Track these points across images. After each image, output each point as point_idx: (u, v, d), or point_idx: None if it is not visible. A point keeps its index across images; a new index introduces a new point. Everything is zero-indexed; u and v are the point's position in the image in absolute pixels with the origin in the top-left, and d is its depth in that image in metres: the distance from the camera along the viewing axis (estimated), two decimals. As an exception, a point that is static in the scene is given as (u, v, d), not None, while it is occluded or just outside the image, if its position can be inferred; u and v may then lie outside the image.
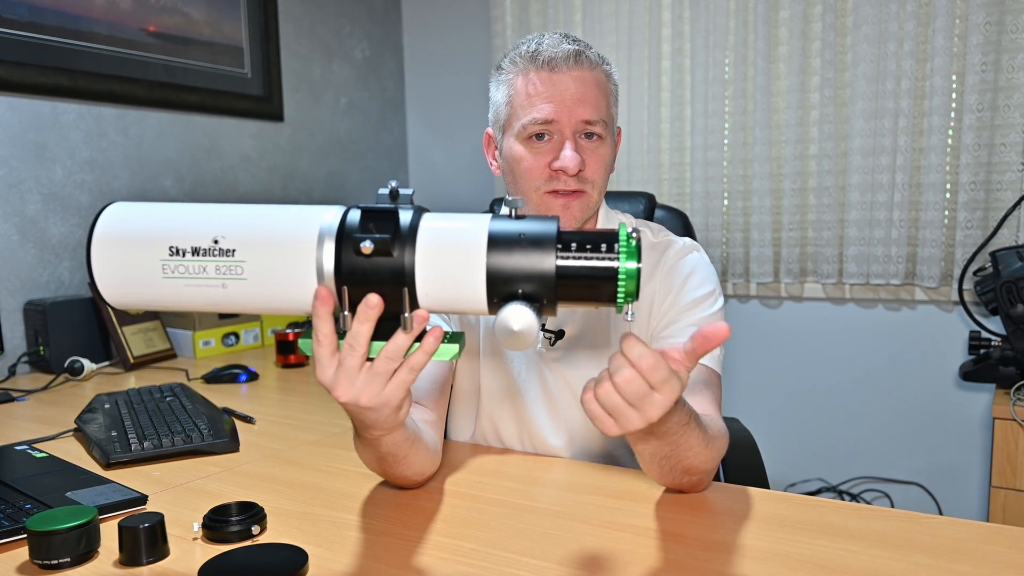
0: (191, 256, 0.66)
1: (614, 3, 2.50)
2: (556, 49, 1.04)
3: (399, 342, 0.67)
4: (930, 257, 2.10)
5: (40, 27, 1.92)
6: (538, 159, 1.05)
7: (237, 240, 0.66)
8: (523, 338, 0.62)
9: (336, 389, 0.70)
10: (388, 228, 0.64)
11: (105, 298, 0.69)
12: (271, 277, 0.66)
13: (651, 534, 0.85)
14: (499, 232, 0.64)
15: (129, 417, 1.30)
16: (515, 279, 0.64)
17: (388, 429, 0.80)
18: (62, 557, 0.79)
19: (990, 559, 0.77)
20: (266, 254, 0.65)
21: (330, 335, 0.68)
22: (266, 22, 2.50)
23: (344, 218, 0.66)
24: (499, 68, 1.10)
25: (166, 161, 2.24)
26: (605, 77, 1.08)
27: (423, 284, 0.64)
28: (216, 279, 0.66)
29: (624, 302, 0.64)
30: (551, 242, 0.64)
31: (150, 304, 0.70)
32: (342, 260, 0.65)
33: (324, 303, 0.65)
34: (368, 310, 0.64)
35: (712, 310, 1.11)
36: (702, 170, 2.40)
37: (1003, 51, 1.98)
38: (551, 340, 1.15)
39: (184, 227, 0.66)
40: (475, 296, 0.65)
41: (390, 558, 0.81)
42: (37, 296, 1.93)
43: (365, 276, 0.65)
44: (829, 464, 2.39)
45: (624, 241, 0.63)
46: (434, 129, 3.04)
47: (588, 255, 0.63)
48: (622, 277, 0.63)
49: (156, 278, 0.67)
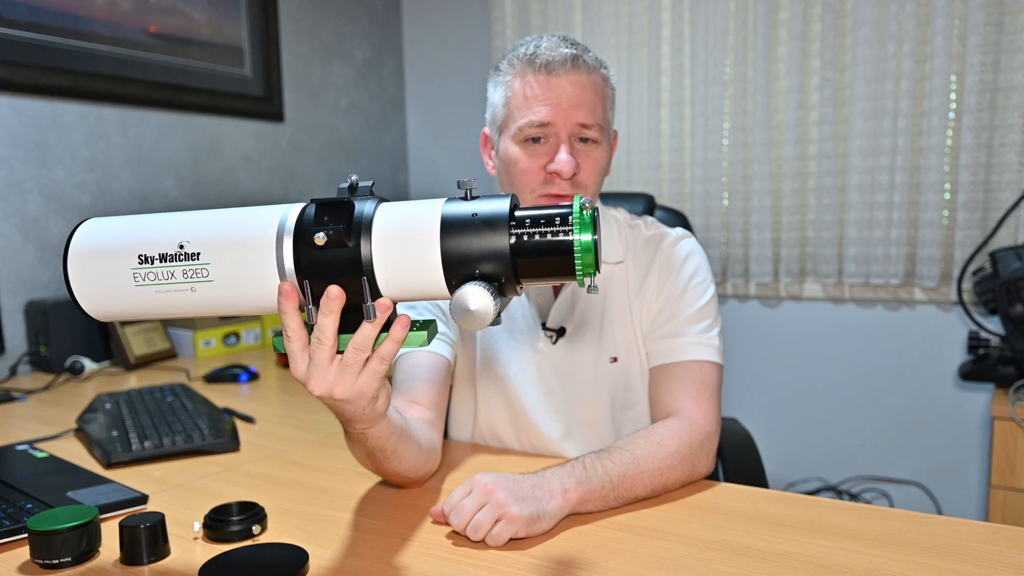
0: (159, 263, 0.67)
1: (614, 3, 2.50)
2: (554, 52, 1.05)
3: (365, 332, 0.67)
4: (929, 257, 2.10)
5: (41, 27, 1.92)
6: (533, 161, 1.06)
7: (201, 243, 0.67)
8: (479, 317, 0.62)
9: (310, 383, 0.71)
10: (342, 219, 0.64)
11: (85, 310, 0.71)
12: (236, 277, 0.67)
13: (651, 534, 0.86)
14: (452, 215, 0.65)
15: (130, 417, 1.30)
16: (471, 260, 0.64)
17: (369, 422, 0.80)
18: (63, 557, 0.79)
19: (989, 559, 0.77)
20: (229, 254, 0.67)
21: (299, 330, 0.68)
22: (266, 23, 2.50)
23: (302, 213, 0.67)
24: (497, 69, 1.11)
25: (167, 161, 2.24)
26: (603, 81, 1.09)
27: (382, 272, 0.65)
28: (184, 283, 0.67)
29: (583, 274, 0.64)
30: (504, 221, 0.64)
31: (126, 314, 0.71)
32: (300, 254, 0.65)
33: (288, 298, 0.66)
34: (330, 302, 0.65)
35: (704, 299, 1.13)
36: (702, 170, 2.40)
37: (1002, 51, 1.99)
38: (553, 339, 1.15)
39: (151, 235, 0.68)
40: (433, 280, 0.65)
41: (389, 558, 0.81)
42: (38, 296, 1.93)
43: (324, 268, 0.65)
44: (829, 464, 2.39)
45: (577, 214, 0.63)
46: (434, 129, 3.05)
47: (542, 231, 0.63)
48: (578, 250, 0.63)
49: (128, 287, 0.68)
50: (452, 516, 0.85)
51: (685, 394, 1.06)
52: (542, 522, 0.84)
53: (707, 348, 1.09)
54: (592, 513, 0.91)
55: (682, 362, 1.09)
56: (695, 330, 1.10)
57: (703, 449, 1.00)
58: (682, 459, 0.97)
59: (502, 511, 0.83)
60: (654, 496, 0.95)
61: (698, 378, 1.07)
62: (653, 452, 0.95)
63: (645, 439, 0.97)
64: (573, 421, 1.16)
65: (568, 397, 1.16)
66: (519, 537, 0.83)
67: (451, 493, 0.88)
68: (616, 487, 0.91)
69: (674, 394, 1.07)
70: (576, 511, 0.89)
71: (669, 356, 1.10)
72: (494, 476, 0.87)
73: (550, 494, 0.86)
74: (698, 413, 1.04)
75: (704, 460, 1.00)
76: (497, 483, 0.85)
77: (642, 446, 0.96)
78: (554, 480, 0.88)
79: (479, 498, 0.84)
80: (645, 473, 0.93)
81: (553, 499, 0.86)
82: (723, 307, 2.49)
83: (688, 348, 1.09)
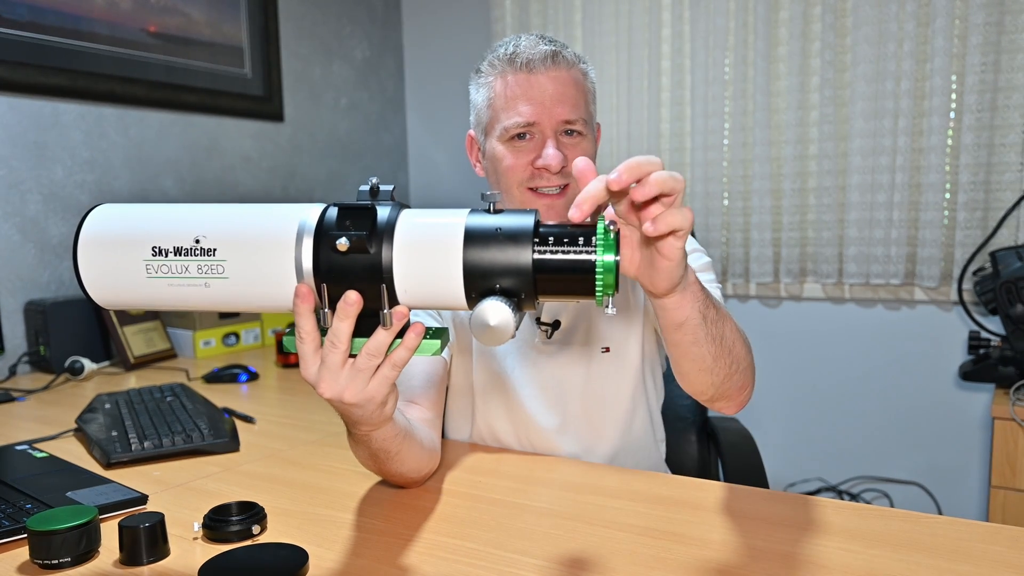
0: (173, 256, 0.66)
1: (614, 3, 2.50)
2: (533, 50, 1.05)
3: (380, 339, 0.67)
4: (930, 257, 2.10)
5: (40, 27, 1.92)
6: (519, 158, 1.06)
7: (218, 239, 0.66)
8: (499, 333, 0.62)
9: (320, 386, 0.70)
10: (364, 225, 0.64)
11: (93, 298, 0.70)
12: (252, 276, 0.66)
13: (651, 534, 0.86)
14: (476, 227, 0.64)
15: (129, 417, 1.30)
16: (492, 274, 0.63)
17: (375, 425, 0.80)
18: (62, 557, 0.79)
19: (990, 559, 0.77)
20: (246, 253, 0.66)
21: (312, 332, 0.68)
22: (266, 22, 2.50)
23: (323, 216, 0.66)
24: (478, 71, 1.11)
25: (166, 161, 2.24)
26: (582, 76, 1.09)
27: (401, 280, 0.65)
28: (199, 278, 0.66)
29: (603, 295, 0.64)
30: (528, 236, 0.63)
31: (136, 304, 0.70)
32: (320, 258, 0.65)
33: (304, 301, 0.65)
34: (347, 307, 0.65)
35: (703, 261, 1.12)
36: (702, 170, 2.40)
37: (1003, 51, 1.98)
38: (548, 333, 1.16)
39: (166, 227, 0.67)
40: (453, 292, 0.65)
41: (390, 558, 0.81)
42: (37, 296, 1.93)
43: (343, 273, 0.65)
44: (829, 464, 2.39)
45: (602, 234, 0.63)
46: (434, 129, 3.05)
47: (565, 249, 0.63)
48: (600, 270, 0.63)
49: (140, 278, 0.67)
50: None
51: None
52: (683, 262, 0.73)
53: (717, 292, 1.07)
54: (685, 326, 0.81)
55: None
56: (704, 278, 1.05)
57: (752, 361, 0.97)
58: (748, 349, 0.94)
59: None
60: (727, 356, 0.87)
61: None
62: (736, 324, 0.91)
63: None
64: (569, 413, 1.17)
65: (564, 390, 1.16)
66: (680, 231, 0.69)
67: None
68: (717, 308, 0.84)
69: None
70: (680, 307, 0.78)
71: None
72: None
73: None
74: None
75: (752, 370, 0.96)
76: None
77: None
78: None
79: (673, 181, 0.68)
80: (732, 326, 0.88)
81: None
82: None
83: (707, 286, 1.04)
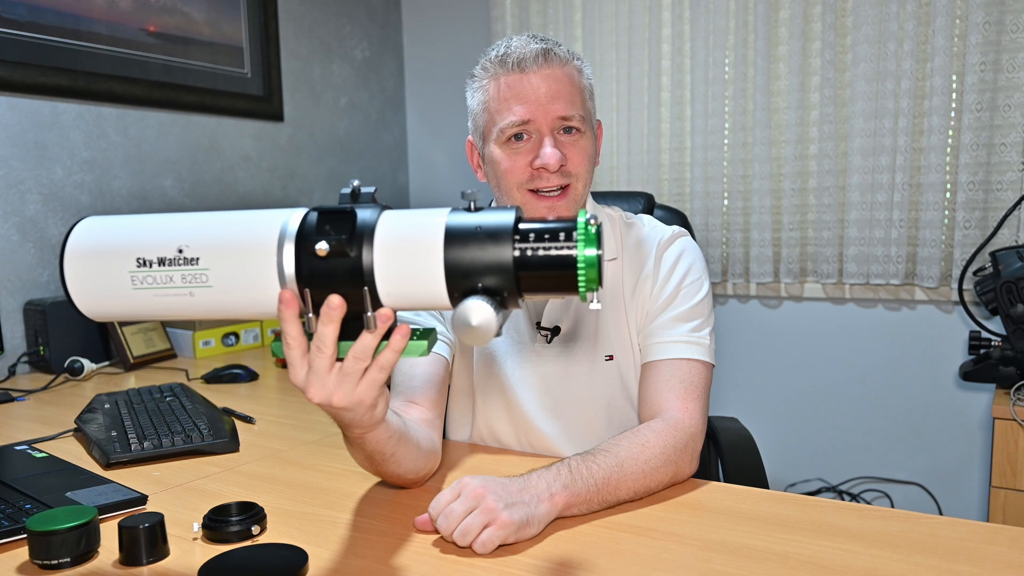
0: (157, 266, 0.67)
1: (614, 3, 2.50)
2: (524, 50, 1.05)
3: (365, 342, 0.67)
4: (930, 257, 2.10)
5: (40, 27, 1.92)
6: (517, 159, 1.06)
7: (200, 248, 0.66)
8: (481, 332, 0.61)
9: (308, 391, 0.70)
10: (344, 229, 0.64)
11: (81, 310, 0.71)
12: (235, 283, 0.66)
13: (651, 534, 0.86)
14: (456, 226, 0.64)
15: (129, 417, 1.30)
16: (474, 272, 0.63)
17: (367, 427, 0.80)
18: (62, 557, 0.79)
19: (990, 559, 0.77)
20: (229, 261, 0.66)
21: (298, 337, 0.68)
22: (266, 22, 2.50)
23: (304, 220, 0.66)
24: (472, 75, 1.11)
25: (166, 161, 2.24)
26: (577, 72, 1.09)
27: (383, 282, 0.64)
28: (183, 288, 0.67)
29: (586, 290, 0.63)
30: (508, 234, 0.63)
31: (124, 315, 0.70)
32: (302, 263, 0.65)
33: (289, 306, 0.65)
34: (330, 311, 0.65)
35: (697, 298, 1.12)
36: (702, 170, 2.40)
37: (1003, 51, 1.98)
38: (548, 338, 1.15)
39: (150, 238, 0.67)
40: (436, 292, 0.64)
41: (390, 558, 0.81)
42: (37, 296, 1.93)
43: (325, 278, 0.65)
44: (829, 464, 2.39)
45: (582, 229, 0.63)
46: (434, 129, 3.04)
47: (546, 245, 0.63)
48: (581, 265, 0.62)
49: (126, 289, 0.68)
50: (440, 520, 0.83)
51: (672, 393, 1.05)
52: (531, 527, 0.83)
53: (697, 347, 1.08)
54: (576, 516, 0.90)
55: (671, 360, 1.08)
56: (685, 328, 1.09)
57: (687, 450, 1.00)
58: (666, 461, 0.96)
59: (492, 516, 0.81)
60: (637, 499, 0.94)
61: (686, 377, 1.06)
62: (637, 454, 0.94)
63: (630, 441, 0.97)
64: (570, 419, 1.16)
65: (565, 395, 1.16)
66: (507, 543, 0.82)
67: (437, 496, 0.86)
68: (601, 491, 0.90)
69: (661, 392, 1.06)
70: (562, 515, 0.88)
71: (658, 354, 1.09)
72: (482, 480, 0.86)
73: (538, 498, 0.85)
74: (683, 414, 1.03)
75: (688, 461, 1.00)
76: (486, 487, 0.84)
77: (627, 448, 0.95)
78: (541, 483, 0.87)
79: (468, 502, 0.83)
80: (629, 476, 0.92)
81: (541, 503, 0.85)
82: (723, 307, 2.49)
83: (677, 346, 1.08)
